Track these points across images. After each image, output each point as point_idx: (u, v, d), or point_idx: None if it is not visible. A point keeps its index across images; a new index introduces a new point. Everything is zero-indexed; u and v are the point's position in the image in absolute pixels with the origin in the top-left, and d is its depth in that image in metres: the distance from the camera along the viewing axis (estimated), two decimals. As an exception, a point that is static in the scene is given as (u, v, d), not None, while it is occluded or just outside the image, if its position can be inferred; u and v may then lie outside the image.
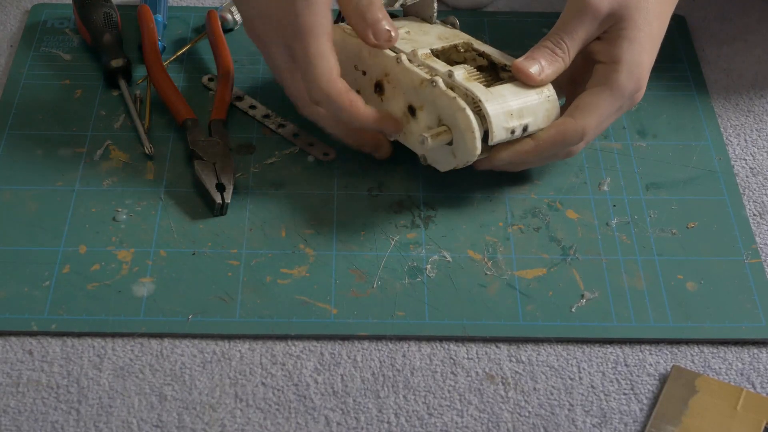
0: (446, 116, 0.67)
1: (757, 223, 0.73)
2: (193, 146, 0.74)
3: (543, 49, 0.69)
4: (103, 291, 0.66)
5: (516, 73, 0.68)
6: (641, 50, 0.68)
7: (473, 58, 0.72)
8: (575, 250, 0.70)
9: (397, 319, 0.65)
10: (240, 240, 0.69)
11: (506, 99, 0.67)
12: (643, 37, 0.68)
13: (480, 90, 0.67)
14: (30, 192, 0.72)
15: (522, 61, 0.68)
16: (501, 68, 0.71)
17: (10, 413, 0.60)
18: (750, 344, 0.65)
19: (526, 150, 0.69)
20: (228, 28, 0.86)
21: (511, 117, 0.67)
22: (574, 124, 0.68)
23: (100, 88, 0.80)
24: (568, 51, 0.69)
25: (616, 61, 0.68)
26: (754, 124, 0.81)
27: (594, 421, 0.61)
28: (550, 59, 0.68)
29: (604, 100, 0.68)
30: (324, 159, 0.75)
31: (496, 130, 0.66)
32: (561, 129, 0.68)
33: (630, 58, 0.68)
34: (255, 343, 0.64)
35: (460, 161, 0.68)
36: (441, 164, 0.70)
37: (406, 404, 0.62)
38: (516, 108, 0.67)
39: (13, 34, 0.86)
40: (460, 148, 0.67)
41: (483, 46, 0.72)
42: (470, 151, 0.67)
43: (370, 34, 0.68)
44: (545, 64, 0.68)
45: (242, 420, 0.61)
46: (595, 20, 0.68)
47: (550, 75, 0.68)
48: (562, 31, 0.69)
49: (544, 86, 0.69)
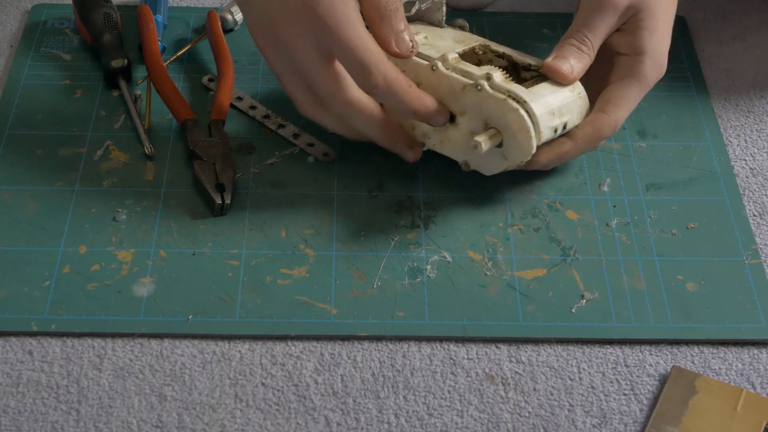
0: (495, 118, 0.67)
1: (757, 223, 0.73)
2: (193, 146, 0.74)
3: (569, 47, 0.69)
4: (103, 291, 0.66)
5: (548, 72, 0.69)
6: (661, 38, 0.70)
7: (491, 59, 0.72)
8: (575, 250, 0.70)
9: (397, 320, 0.65)
10: (240, 240, 0.69)
11: (546, 98, 0.67)
12: (662, 26, 0.70)
13: (522, 91, 0.67)
14: (30, 192, 0.72)
15: (553, 61, 0.69)
16: (522, 68, 0.71)
17: (10, 413, 0.60)
18: (750, 344, 0.65)
19: (565, 150, 0.70)
20: (228, 29, 0.86)
21: (553, 116, 0.67)
22: (608, 119, 0.69)
23: (100, 88, 0.80)
24: (592, 47, 0.70)
25: (640, 52, 0.69)
26: (754, 124, 0.81)
27: (594, 422, 0.61)
28: (578, 56, 0.69)
29: (632, 92, 0.70)
30: (324, 159, 0.75)
31: (544, 130, 0.67)
32: (596, 125, 0.69)
33: (652, 48, 0.70)
34: (255, 344, 0.64)
35: (513, 162, 0.68)
36: (487, 168, 0.70)
37: (406, 405, 0.62)
38: (556, 107, 0.68)
39: (13, 34, 0.86)
40: (512, 149, 0.67)
41: (500, 47, 0.72)
42: (526, 150, 0.67)
43: (393, 43, 0.67)
44: (574, 62, 0.69)
45: (242, 420, 0.61)
46: (616, 14, 0.69)
47: (580, 72, 0.69)
48: (585, 27, 0.70)
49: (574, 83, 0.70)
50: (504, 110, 0.66)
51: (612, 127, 0.70)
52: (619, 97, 0.70)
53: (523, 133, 0.66)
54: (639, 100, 0.71)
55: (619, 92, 0.70)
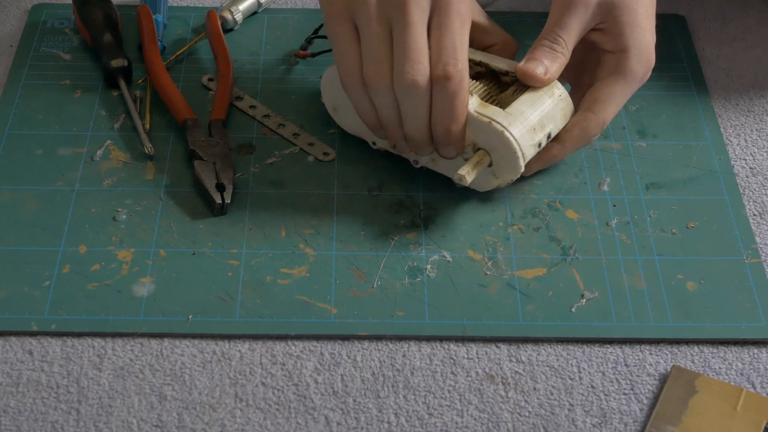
0: (482, 140, 0.67)
1: (757, 223, 0.73)
2: (193, 146, 0.74)
3: (542, 48, 0.69)
4: (103, 291, 0.66)
5: (521, 77, 0.68)
6: (643, 32, 0.69)
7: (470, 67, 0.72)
8: (575, 250, 0.70)
9: (397, 319, 0.65)
10: (240, 240, 0.69)
11: (525, 115, 0.67)
12: (641, 18, 0.69)
13: (500, 114, 0.66)
14: (30, 192, 0.72)
15: (525, 65, 0.68)
16: (501, 74, 0.71)
17: (10, 413, 0.60)
18: (750, 344, 0.65)
19: (554, 155, 0.70)
20: (228, 28, 0.86)
21: (535, 132, 0.67)
22: (595, 119, 0.69)
23: (100, 88, 0.80)
24: (566, 45, 0.69)
25: (624, 48, 0.69)
26: (754, 124, 0.81)
27: (594, 421, 0.61)
28: (551, 57, 0.68)
29: (619, 89, 0.69)
30: (324, 159, 0.75)
31: (526, 151, 0.67)
32: (583, 126, 0.69)
33: (636, 43, 0.69)
34: (255, 343, 0.64)
35: (503, 181, 0.69)
36: (480, 185, 0.70)
37: (406, 404, 0.62)
38: (537, 120, 0.67)
39: (13, 34, 0.86)
40: (502, 168, 0.68)
41: (476, 54, 0.72)
42: (515, 170, 0.67)
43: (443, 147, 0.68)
44: (548, 63, 0.68)
45: (242, 420, 0.61)
46: (587, 10, 0.68)
47: (555, 73, 0.69)
48: (557, 26, 0.69)
49: (553, 86, 0.69)
50: (489, 133, 0.66)
51: (600, 126, 0.70)
52: (606, 95, 0.69)
53: (510, 154, 0.66)
54: (627, 97, 0.71)
55: (606, 90, 0.69)
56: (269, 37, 0.86)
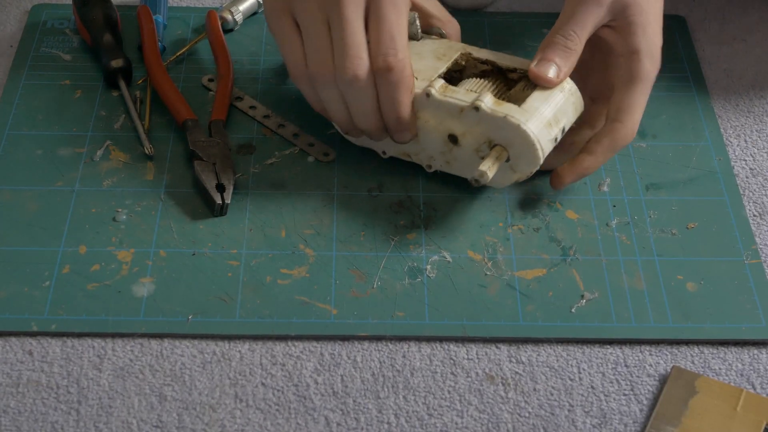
0: (498, 136, 0.67)
1: (757, 223, 0.73)
2: (193, 146, 0.74)
3: (554, 45, 0.68)
4: (103, 291, 0.66)
5: (534, 80, 0.68)
6: (654, 33, 0.70)
7: (475, 66, 0.72)
8: (575, 250, 0.70)
9: (397, 320, 0.65)
10: (240, 240, 0.69)
11: (540, 111, 0.67)
12: (653, 20, 0.70)
13: (515, 110, 0.66)
14: (30, 192, 0.72)
15: (537, 68, 0.68)
16: (508, 71, 0.71)
17: (10, 413, 0.60)
18: (750, 345, 0.65)
19: (586, 167, 0.70)
20: (228, 28, 0.86)
21: (551, 126, 0.67)
22: (624, 128, 0.69)
23: (100, 89, 0.80)
24: (579, 41, 0.69)
25: (635, 50, 0.69)
26: (754, 124, 0.81)
27: (594, 422, 0.61)
28: (563, 55, 0.68)
29: (640, 94, 0.69)
30: (324, 159, 0.75)
31: (544, 146, 0.67)
32: (613, 137, 0.69)
33: (647, 45, 0.69)
34: (255, 344, 0.64)
35: (523, 174, 0.68)
36: (498, 182, 0.70)
37: (406, 405, 0.62)
38: (551, 116, 0.67)
39: (13, 34, 0.86)
40: (520, 162, 0.67)
41: (481, 53, 0.72)
42: (534, 162, 0.67)
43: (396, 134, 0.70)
44: (561, 63, 0.68)
45: (242, 420, 0.61)
46: (601, 7, 0.68)
47: (566, 72, 0.69)
48: (570, 21, 0.69)
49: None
50: (506, 127, 0.66)
51: (629, 134, 0.69)
52: (628, 103, 0.69)
53: (528, 146, 0.66)
54: (647, 100, 0.70)
55: (628, 97, 0.69)
56: (269, 38, 0.86)
